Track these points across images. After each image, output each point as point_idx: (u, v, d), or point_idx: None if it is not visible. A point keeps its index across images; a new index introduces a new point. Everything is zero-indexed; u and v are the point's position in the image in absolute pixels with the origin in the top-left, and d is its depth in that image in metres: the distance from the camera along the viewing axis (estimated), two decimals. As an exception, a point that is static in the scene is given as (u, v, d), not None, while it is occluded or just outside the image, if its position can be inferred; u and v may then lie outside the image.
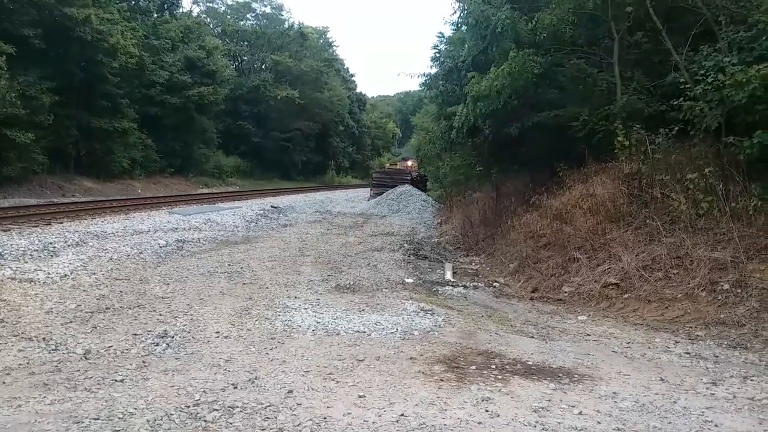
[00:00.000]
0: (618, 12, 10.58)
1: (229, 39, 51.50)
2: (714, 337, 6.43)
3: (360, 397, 4.18)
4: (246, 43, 54.16)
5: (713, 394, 4.61)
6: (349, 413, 3.88)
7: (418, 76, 16.68)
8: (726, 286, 7.11)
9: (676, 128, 8.98)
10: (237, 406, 3.86)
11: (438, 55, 18.51)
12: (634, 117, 9.96)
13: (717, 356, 5.77)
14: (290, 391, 4.20)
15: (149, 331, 5.71)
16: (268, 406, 3.91)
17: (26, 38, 21.00)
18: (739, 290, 7.00)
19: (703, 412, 4.18)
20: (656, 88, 10.33)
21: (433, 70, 17.00)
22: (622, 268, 8.24)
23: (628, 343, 6.27)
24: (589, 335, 6.62)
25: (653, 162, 9.12)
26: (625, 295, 7.93)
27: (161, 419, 3.59)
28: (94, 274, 8.46)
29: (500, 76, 10.57)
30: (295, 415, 3.79)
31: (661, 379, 4.95)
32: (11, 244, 9.81)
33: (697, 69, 8.71)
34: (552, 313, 7.81)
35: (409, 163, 48.05)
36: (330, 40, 66.22)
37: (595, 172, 10.26)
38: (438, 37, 19.05)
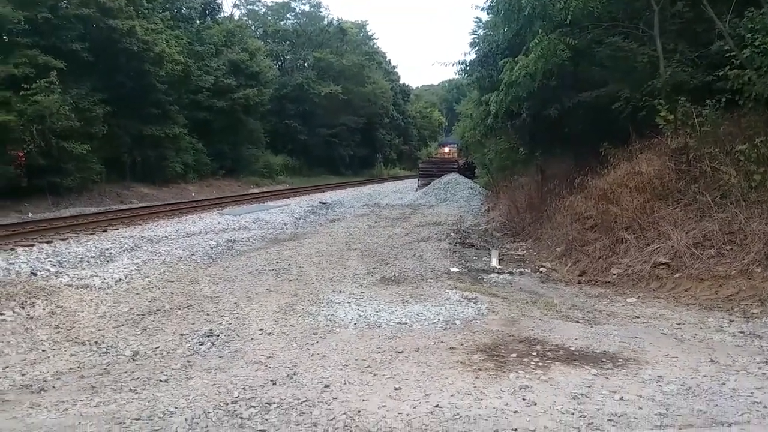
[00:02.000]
0: (657, -18, 10.19)
1: (270, 39, 52.16)
2: (770, 314, 6.16)
3: (396, 389, 4.20)
4: (287, 42, 54.72)
5: (765, 374, 4.43)
6: (383, 406, 3.90)
7: (454, 64, 16.53)
8: (783, 261, 6.80)
9: (724, 99, 8.59)
10: (274, 402, 3.95)
11: (476, 40, 18.24)
12: (679, 90, 9.58)
13: (773, 334, 5.53)
14: (327, 386, 4.26)
15: (196, 330, 5.89)
16: (305, 401, 3.98)
17: (75, 52, 21.79)
18: (797, 264, 6.68)
19: (752, 392, 4.02)
20: (701, 58, 9.90)
21: (472, 56, 16.79)
22: (672, 246, 7.98)
23: (679, 324, 6.09)
24: (637, 317, 6.46)
25: (701, 135, 8.76)
26: (677, 275, 7.67)
27: (199, 417, 3.70)
28: (147, 277, 8.78)
29: (531, 62, 10.34)
30: (330, 409, 3.84)
31: (711, 361, 4.78)
32: (69, 252, 10.28)
33: (743, 33, 8.31)
34: (600, 297, 7.65)
35: (447, 149, 47.38)
36: (370, 34, 66.15)
37: (641, 150, 9.94)
38: (475, 22, 18.76)
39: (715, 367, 4.61)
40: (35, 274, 8.65)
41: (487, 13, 14.34)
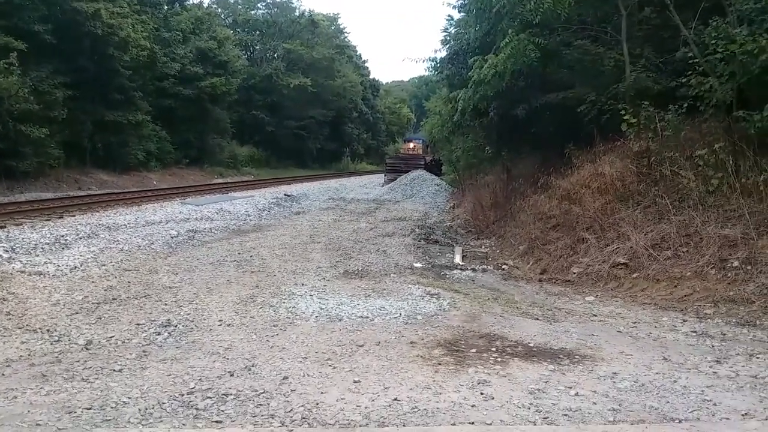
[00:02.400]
0: (625, -13, 10.38)
1: (240, 29, 51.53)
2: (722, 315, 6.34)
3: (355, 382, 4.18)
4: (257, 32, 54.12)
5: (716, 372, 4.54)
6: (342, 398, 3.88)
7: (424, 61, 16.56)
8: (736, 264, 7.00)
9: (686, 105, 8.80)
10: (231, 394, 3.88)
11: (447, 38, 18.29)
12: (643, 95, 9.77)
13: (724, 334, 5.69)
14: (285, 378, 4.21)
15: (153, 320, 5.77)
16: (262, 392, 3.92)
17: (37, 34, 21.14)
18: (749, 267, 6.89)
19: (703, 390, 4.12)
20: (666, 64, 10.13)
21: (443, 54, 16.84)
22: (631, 247, 8.15)
23: (635, 322, 6.21)
24: (595, 316, 6.57)
25: (663, 139, 8.96)
26: (634, 275, 7.84)
27: (153, 408, 3.61)
28: (104, 265, 8.56)
29: (500, 61, 10.43)
30: (287, 401, 3.80)
31: (664, 359, 4.88)
32: (23, 238, 9.96)
33: (706, 41, 8.51)
34: (559, 295, 7.76)
35: (411, 145, 47.39)
36: (341, 27, 65.91)
37: (604, 152, 10.12)
38: (447, 20, 18.82)
39: (668, 365, 4.71)
40: (-14, 260, 8.35)
41: (459, 11, 14.41)
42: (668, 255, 7.68)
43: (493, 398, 3.93)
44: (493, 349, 5.04)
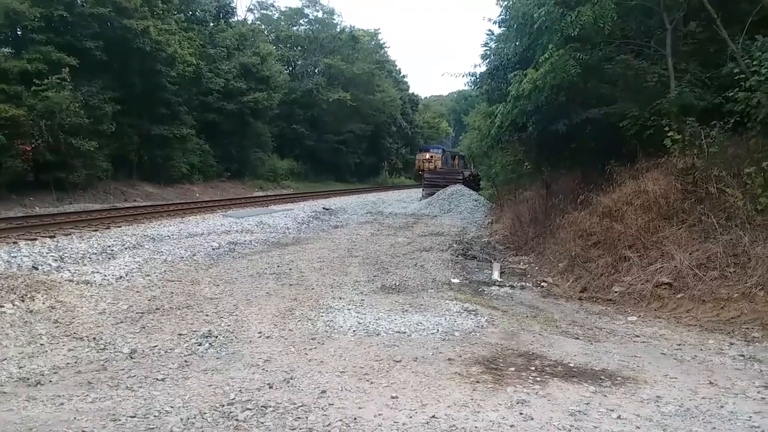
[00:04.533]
0: (670, 2, 10.20)
1: (282, 44, 52.34)
2: (772, 338, 6.13)
3: (393, 398, 4.19)
4: (299, 47, 54.89)
5: (764, 398, 4.40)
6: (379, 414, 3.89)
7: (464, 76, 16.53)
8: (786, 285, 6.76)
9: (732, 121, 8.58)
10: (270, 406, 3.93)
11: (487, 53, 18.28)
12: (688, 110, 9.57)
13: (774, 359, 5.50)
14: (324, 392, 4.25)
15: (194, 331, 5.89)
16: (301, 406, 3.96)
17: (88, 50, 21.90)
18: (800, 289, 6.64)
19: (750, 416, 4.00)
20: (712, 79, 9.90)
21: (482, 68, 16.82)
22: (675, 266, 7.95)
23: (679, 344, 6.06)
24: (637, 336, 6.42)
25: (708, 156, 8.74)
26: (678, 295, 7.64)
27: (194, 417, 3.69)
28: (148, 275, 8.78)
29: (539, 76, 10.36)
30: (325, 415, 3.83)
31: (710, 383, 4.75)
32: (71, 248, 10.29)
33: (754, 56, 8.31)
34: (600, 314, 7.62)
35: (428, 155, 46.93)
36: (381, 42, 66.25)
37: (647, 169, 9.90)
38: (487, 35, 18.82)
39: (714, 390, 4.58)
40: (36, 268, 8.66)
41: (499, 26, 14.37)
42: (714, 275, 7.47)
43: (532, 419, 3.88)
44: (532, 368, 4.98)
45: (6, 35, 22.11)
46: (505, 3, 12.74)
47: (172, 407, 3.85)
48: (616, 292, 8.41)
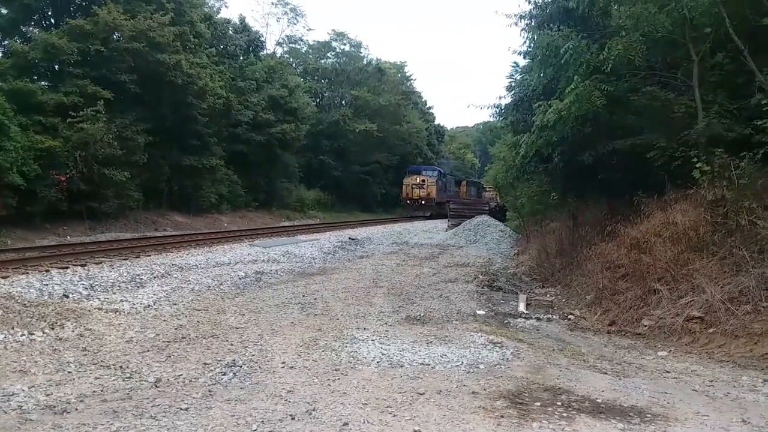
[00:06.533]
0: (696, 34, 10.18)
1: (310, 77, 53.34)
2: (808, 376, 5.93)
3: (415, 431, 4.14)
4: (326, 80, 55.89)
5: (800, 438, 4.24)
6: (401, 448, 3.85)
7: (489, 107, 16.63)
8: (822, 321, 6.56)
9: (762, 152, 8.45)
10: (291, 437, 3.93)
11: (512, 84, 18.37)
12: (717, 141, 9.46)
13: (810, 397, 5.31)
14: (345, 424, 4.22)
15: (219, 360, 5.92)
16: (323, 438, 3.95)
17: (122, 84, 22.61)
18: (837, 325, 6.44)
19: (786, 457, 3.86)
20: (740, 110, 9.79)
21: (507, 100, 16.90)
22: (707, 300, 7.77)
23: (711, 381, 5.89)
24: (668, 372, 6.27)
25: (738, 188, 8.59)
26: (710, 330, 7.45)
27: (216, 448, 3.70)
28: (176, 304, 8.89)
29: (564, 107, 10.37)
30: (347, 447, 3.80)
31: (743, 421, 4.61)
32: (102, 276, 10.49)
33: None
34: (629, 348, 7.47)
35: (418, 179, 43.17)
36: (407, 74, 67.18)
37: (676, 200, 9.78)
38: (512, 66, 18.91)
39: (747, 428, 4.44)
40: (67, 296, 8.83)
41: (525, 58, 14.46)
42: (747, 309, 7.28)
43: (557, 455, 3.80)
44: (559, 403, 4.89)
45: (44, 69, 22.93)
46: (529, 35, 12.83)
47: (194, 437, 3.87)
48: (645, 325, 8.25)
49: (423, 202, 43.98)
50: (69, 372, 5.41)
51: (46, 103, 20.16)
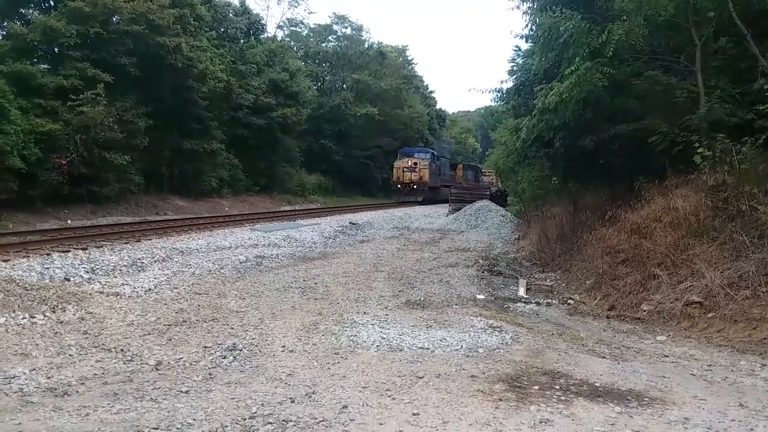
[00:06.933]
0: (699, 18, 10.09)
1: (311, 60, 53.08)
2: (806, 360, 5.95)
3: (414, 414, 4.17)
4: (327, 63, 55.61)
5: (797, 422, 4.27)
6: (400, 431, 3.87)
7: (490, 91, 16.44)
8: (821, 306, 6.57)
9: (763, 137, 8.41)
10: (291, 420, 3.95)
11: (514, 68, 18.24)
12: (718, 126, 9.41)
13: (808, 381, 5.34)
14: (345, 407, 4.25)
15: (219, 344, 5.96)
16: (322, 420, 3.97)
17: (122, 67, 22.48)
18: (836, 310, 6.45)
19: (782, 441, 3.88)
20: (742, 95, 9.73)
21: (509, 84, 16.78)
22: (706, 285, 7.78)
23: (709, 365, 5.92)
24: (666, 356, 6.30)
25: (739, 173, 8.57)
26: (709, 315, 7.47)
27: (216, 431, 3.73)
28: (176, 288, 8.92)
29: (565, 89, 10.31)
30: (346, 430, 3.84)
31: (741, 405, 4.63)
32: (102, 260, 10.51)
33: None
34: (628, 333, 7.49)
35: (410, 162, 40.45)
36: (409, 58, 66.84)
37: (677, 185, 9.75)
38: (514, 50, 18.78)
39: (745, 412, 4.46)
40: (68, 280, 8.86)
41: (526, 42, 14.34)
42: (747, 294, 7.29)
43: (555, 438, 3.83)
44: (557, 386, 4.91)
45: (44, 52, 22.81)
46: (531, 18, 12.71)
47: (194, 420, 3.89)
48: (644, 310, 8.27)
49: (415, 186, 41.50)
50: (70, 355, 5.44)
51: (46, 86, 20.08)
